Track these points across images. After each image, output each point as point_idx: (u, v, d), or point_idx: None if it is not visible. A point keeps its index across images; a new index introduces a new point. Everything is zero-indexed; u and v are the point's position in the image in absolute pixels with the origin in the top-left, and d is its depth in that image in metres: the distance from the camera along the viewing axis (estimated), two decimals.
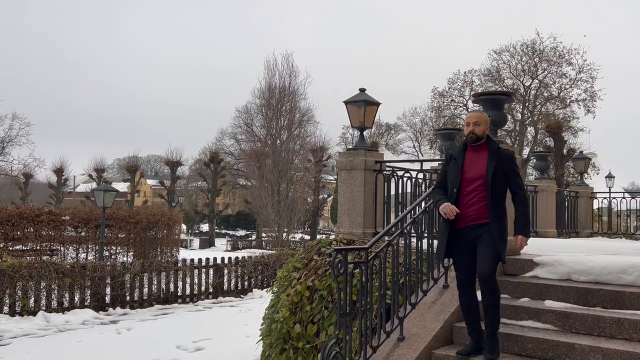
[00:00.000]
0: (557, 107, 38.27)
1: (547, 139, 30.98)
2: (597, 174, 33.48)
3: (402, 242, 5.52)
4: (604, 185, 24.04)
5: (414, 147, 50.41)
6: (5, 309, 11.03)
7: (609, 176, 24.85)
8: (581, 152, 17.74)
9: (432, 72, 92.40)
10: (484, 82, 38.31)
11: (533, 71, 38.38)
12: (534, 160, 12.66)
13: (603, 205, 13.10)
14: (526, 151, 36.60)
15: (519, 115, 39.43)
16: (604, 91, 37.25)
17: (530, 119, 39.19)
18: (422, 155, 44.04)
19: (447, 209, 4.78)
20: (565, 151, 26.95)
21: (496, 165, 4.69)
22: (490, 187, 4.68)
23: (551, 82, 38.35)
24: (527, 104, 39.10)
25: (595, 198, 12.85)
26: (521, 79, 38.83)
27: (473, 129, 4.78)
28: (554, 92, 38.34)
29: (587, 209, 12.70)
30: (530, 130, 39.51)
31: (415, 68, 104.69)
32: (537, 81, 38.70)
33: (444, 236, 4.86)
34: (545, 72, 38.28)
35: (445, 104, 40.12)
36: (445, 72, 75.74)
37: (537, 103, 39.23)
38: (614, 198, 12.61)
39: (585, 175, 32.72)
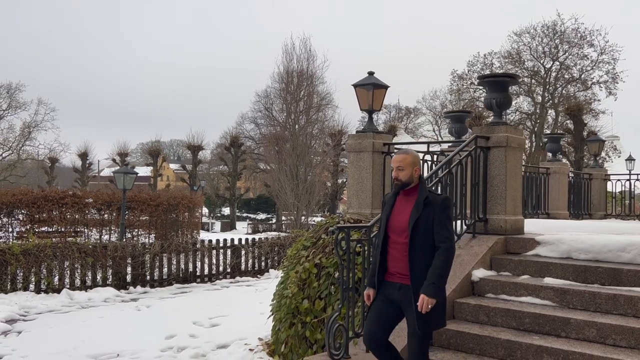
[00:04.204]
0: (578, 90, 37.85)
1: (568, 121, 30.70)
2: (619, 156, 33.13)
3: None
4: (625, 168, 23.87)
5: (434, 131, 50.25)
6: (31, 286, 11.50)
7: (630, 159, 24.64)
8: (595, 134, 17.66)
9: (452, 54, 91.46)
10: (504, 65, 37.97)
11: (554, 53, 37.92)
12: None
13: (625, 189, 13.12)
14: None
15: (540, 98, 39.07)
16: (626, 73, 36.80)
17: (550, 101, 38.80)
18: (442, 139, 43.86)
19: (365, 298, 4.30)
20: (585, 134, 26.67)
21: (420, 215, 3.98)
22: (411, 240, 3.98)
23: (572, 64, 37.89)
24: (547, 87, 38.70)
25: (609, 180, 12.87)
26: (542, 61, 38.39)
27: (397, 175, 4.13)
28: (575, 74, 37.88)
29: (600, 191, 12.73)
30: (551, 113, 39.14)
31: (434, 51, 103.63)
32: (557, 63, 38.24)
33: (374, 272, 4.24)
34: (566, 53, 37.80)
35: (464, 87, 39.88)
36: (465, 55, 75.06)
37: (558, 85, 38.81)
38: (627, 180, 12.63)
39: (607, 157, 32.61)
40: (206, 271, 14.22)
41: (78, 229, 18.58)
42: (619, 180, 12.81)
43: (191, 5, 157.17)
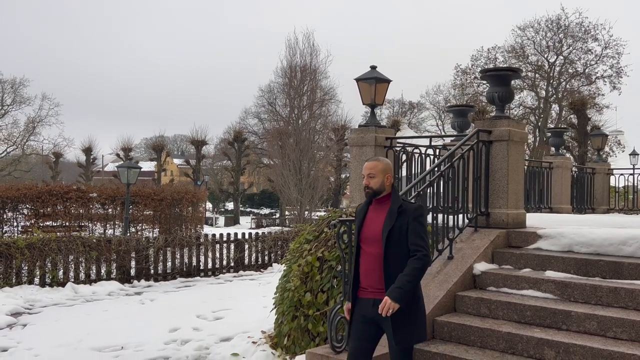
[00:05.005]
0: (582, 84, 37.78)
1: (572, 116, 30.66)
2: (623, 151, 33.09)
3: None
4: (629, 162, 23.83)
5: (437, 126, 50.19)
6: (36, 280, 11.58)
7: (633, 153, 24.61)
8: (598, 128, 17.66)
9: (456, 49, 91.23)
10: (507, 59, 37.88)
11: (558, 47, 37.84)
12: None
13: (628, 183, 13.13)
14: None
15: (543, 93, 39.00)
16: (631, 67, 36.72)
17: (554, 96, 38.74)
18: (445, 134, 43.79)
19: (346, 314, 4.15)
20: (589, 128, 26.63)
21: (394, 224, 3.82)
22: (386, 251, 3.81)
23: (576, 59, 37.84)
24: (551, 81, 38.63)
25: (612, 174, 12.87)
26: (546, 56, 38.33)
27: (368, 183, 3.97)
28: (579, 69, 37.82)
29: (603, 186, 12.73)
30: (555, 107, 39.09)
31: (439, 45, 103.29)
32: (561, 57, 38.17)
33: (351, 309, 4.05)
34: (570, 48, 37.73)
35: (468, 81, 39.80)
36: (468, 50, 74.82)
37: (562, 80, 38.73)
38: (630, 175, 12.63)
39: (610, 152, 32.56)
40: (210, 265, 14.28)
41: (82, 224, 18.71)
42: (622, 174, 12.81)
43: (191, 5, 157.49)
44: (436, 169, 6.08)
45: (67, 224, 18.28)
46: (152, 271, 13.21)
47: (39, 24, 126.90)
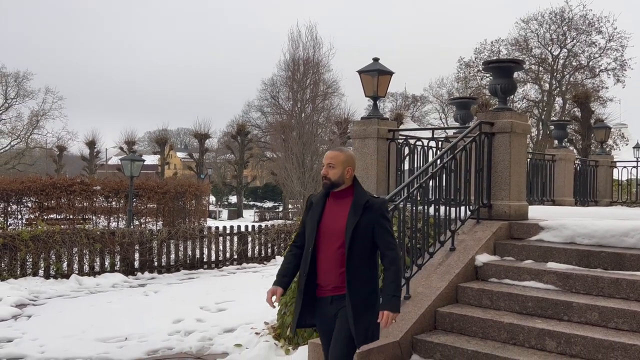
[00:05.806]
0: (586, 77, 37.67)
1: (575, 109, 30.59)
2: (626, 144, 33.03)
3: (410, 207, 5.78)
4: (632, 155, 23.78)
5: (441, 119, 50.11)
6: (41, 272, 11.64)
7: (637, 146, 24.57)
8: (602, 121, 17.63)
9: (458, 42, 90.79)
10: (511, 52, 37.76)
11: (562, 40, 37.71)
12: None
13: (631, 176, 13.12)
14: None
15: (547, 86, 38.89)
16: (635, 60, 36.60)
17: (558, 89, 38.63)
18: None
19: (267, 296, 3.88)
20: (592, 121, 26.56)
21: (359, 219, 3.64)
22: (349, 248, 3.63)
23: (580, 51, 37.70)
24: (555, 74, 38.51)
25: (615, 167, 12.85)
26: (549, 48, 38.19)
27: (326, 173, 3.74)
28: (583, 62, 37.70)
29: (606, 178, 12.72)
30: (558, 100, 38.99)
31: (439, 45, 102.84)
32: (565, 50, 38.03)
33: (299, 302, 3.82)
34: (574, 41, 37.60)
35: (471, 74, 39.70)
36: (472, 42, 74.48)
37: (566, 73, 38.62)
38: (634, 167, 12.61)
39: (614, 145, 32.50)
40: (213, 258, 14.33)
41: (86, 216, 18.73)
42: (625, 167, 12.80)
43: (191, 6, 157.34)
44: (438, 161, 6.10)
45: (71, 216, 18.31)
46: (155, 263, 13.27)
47: (38, 24, 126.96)
